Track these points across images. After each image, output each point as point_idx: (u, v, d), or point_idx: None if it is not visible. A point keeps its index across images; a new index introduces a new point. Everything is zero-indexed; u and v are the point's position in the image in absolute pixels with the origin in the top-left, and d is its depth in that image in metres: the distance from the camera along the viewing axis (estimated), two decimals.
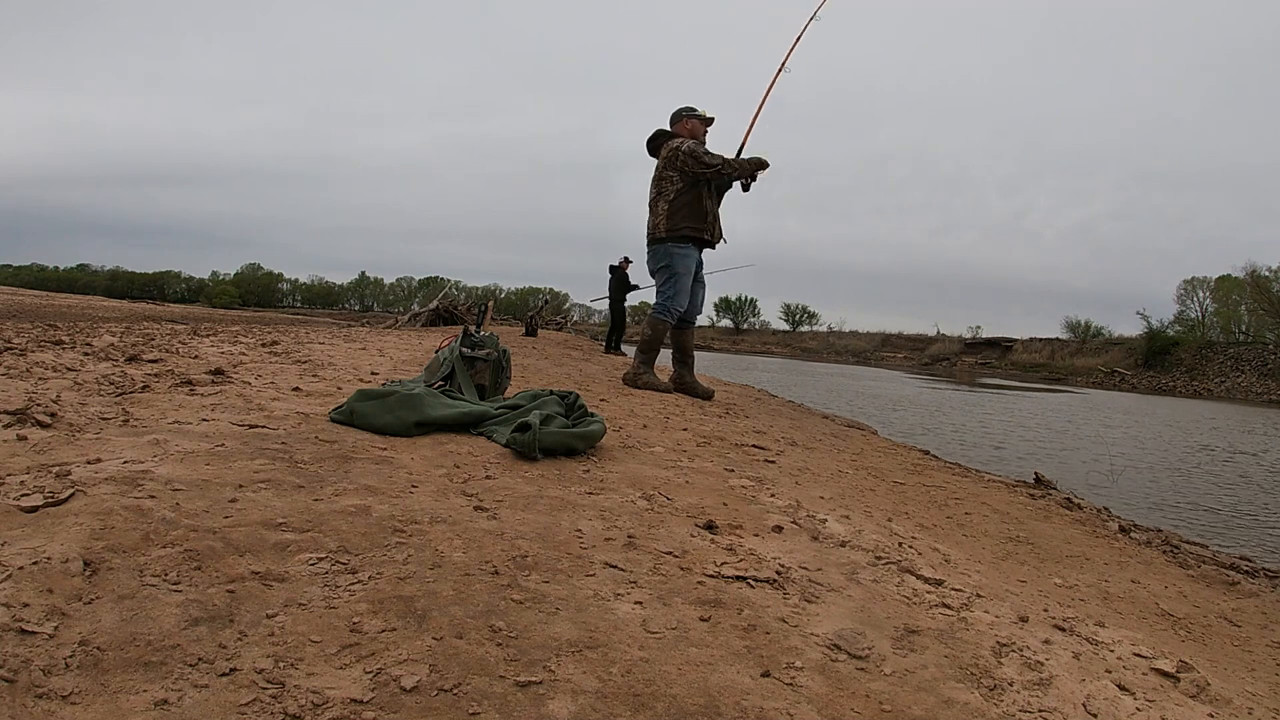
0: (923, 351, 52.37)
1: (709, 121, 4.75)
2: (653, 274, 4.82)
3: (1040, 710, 1.10)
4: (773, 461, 2.84)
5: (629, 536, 1.53)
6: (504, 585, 1.21)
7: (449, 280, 51.35)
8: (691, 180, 4.57)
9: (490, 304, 10.61)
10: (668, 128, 4.81)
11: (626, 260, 11.68)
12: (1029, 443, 7.86)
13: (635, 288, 11.89)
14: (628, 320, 12.51)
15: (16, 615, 0.90)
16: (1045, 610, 1.64)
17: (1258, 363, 35.89)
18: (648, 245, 4.79)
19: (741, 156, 4.71)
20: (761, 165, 4.58)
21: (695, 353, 5.04)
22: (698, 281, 4.83)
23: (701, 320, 5.42)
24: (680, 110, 4.74)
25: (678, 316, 4.71)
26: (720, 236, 4.76)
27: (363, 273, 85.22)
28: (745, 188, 4.76)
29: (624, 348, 11.29)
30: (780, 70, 4.96)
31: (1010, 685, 1.15)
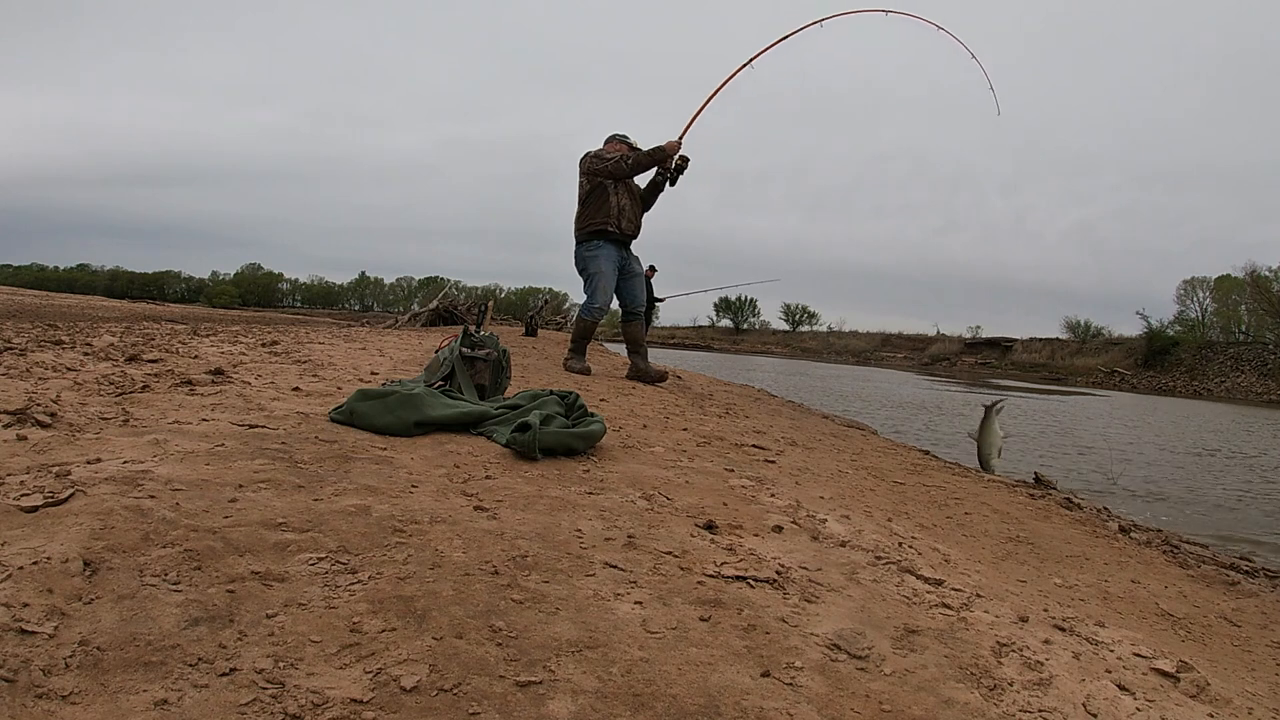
0: (923, 351, 52.38)
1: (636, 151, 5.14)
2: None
3: (1040, 710, 1.09)
4: (773, 461, 2.84)
5: (629, 536, 1.53)
6: (504, 585, 1.21)
7: (449, 280, 51.35)
8: (597, 182, 4.95)
9: (490, 304, 10.59)
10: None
11: (652, 269, 11.70)
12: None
13: (658, 300, 11.82)
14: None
15: (16, 615, 0.90)
16: (1045, 610, 1.64)
17: (1258, 363, 35.90)
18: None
19: (680, 139, 4.96)
20: (663, 156, 4.87)
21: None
22: (633, 276, 5.18)
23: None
24: (614, 135, 5.12)
25: (600, 314, 5.13)
26: (631, 231, 5.10)
27: (363, 273, 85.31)
28: (672, 182, 5.08)
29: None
30: (744, 66, 5.13)
31: (1010, 685, 1.15)
